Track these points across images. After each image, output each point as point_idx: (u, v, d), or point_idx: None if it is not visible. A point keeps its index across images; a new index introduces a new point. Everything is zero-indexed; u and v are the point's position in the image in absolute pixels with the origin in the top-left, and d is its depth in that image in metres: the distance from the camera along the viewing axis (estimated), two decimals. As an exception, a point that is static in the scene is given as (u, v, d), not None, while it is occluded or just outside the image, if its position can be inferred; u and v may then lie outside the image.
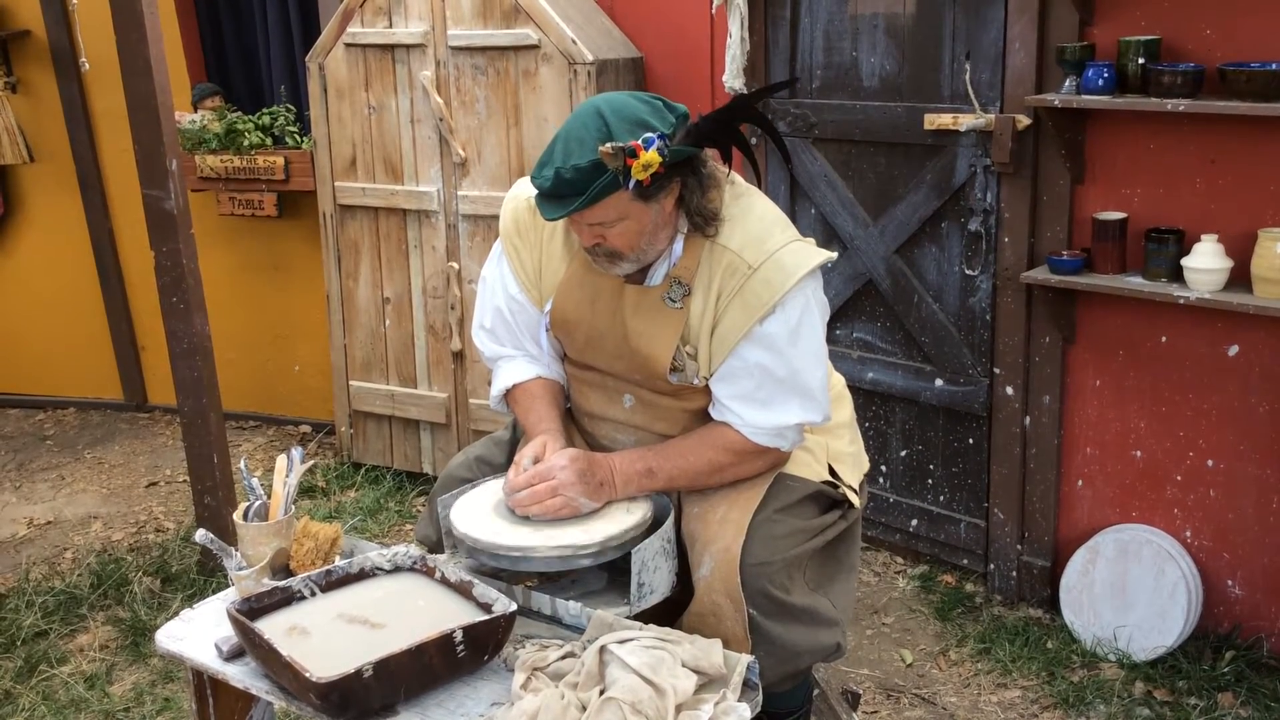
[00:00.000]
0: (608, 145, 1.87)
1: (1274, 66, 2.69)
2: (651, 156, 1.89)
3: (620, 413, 2.23)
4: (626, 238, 2.02)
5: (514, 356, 2.33)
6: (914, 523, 3.67)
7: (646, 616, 2.00)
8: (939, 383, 3.51)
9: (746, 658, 1.80)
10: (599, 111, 1.96)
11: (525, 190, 2.23)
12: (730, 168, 2.09)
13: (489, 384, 2.37)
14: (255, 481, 2.17)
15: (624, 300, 2.12)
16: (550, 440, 2.13)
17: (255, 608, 1.91)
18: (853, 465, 2.32)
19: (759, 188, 2.20)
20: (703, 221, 2.05)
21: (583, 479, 2.04)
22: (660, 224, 2.04)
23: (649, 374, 2.13)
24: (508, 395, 2.33)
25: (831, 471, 2.25)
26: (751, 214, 2.09)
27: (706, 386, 2.13)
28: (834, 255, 2.13)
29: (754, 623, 2.02)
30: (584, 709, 1.69)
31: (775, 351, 2.05)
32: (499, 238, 2.29)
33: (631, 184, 1.91)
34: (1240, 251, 2.83)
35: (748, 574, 2.01)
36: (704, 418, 2.17)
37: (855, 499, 2.27)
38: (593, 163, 1.90)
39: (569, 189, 1.93)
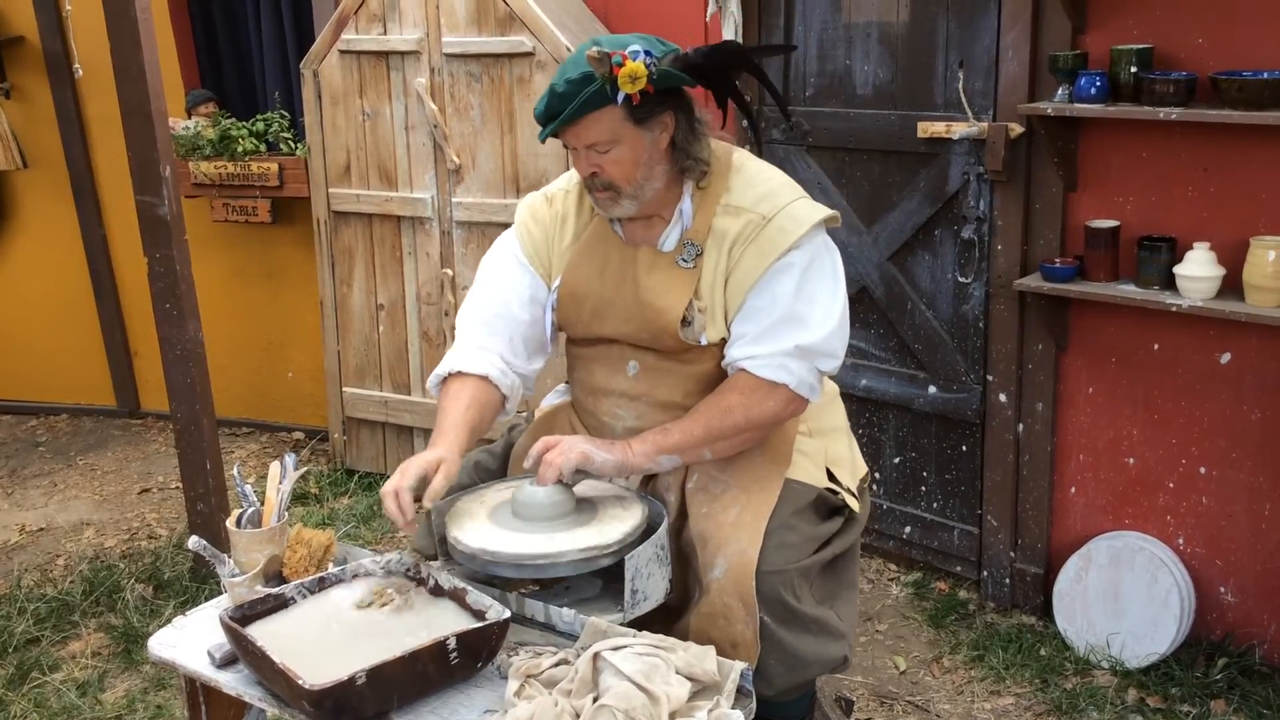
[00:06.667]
0: (594, 49, 2.00)
1: (1266, 75, 2.70)
2: (636, 67, 1.99)
3: (624, 382, 2.25)
4: (622, 167, 2.10)
5: (473, 345, 2.26)
6: (907, 530, 3.67)
7: (643, 623, 2.00)
8: (932, 390, 3.51)
9: (740, 664, 1.80)
10: (594, 39, 2.09)
11: (537, 192, 2.38)
12: (726, 116, 2.19)
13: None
14: (248, 488, 2.17)
15: (637, 263, 2.19)
16: (445, 464, 2.03)
17: (248, 614, 1.90)
18: (850, 469, 2.33)
19: (757, 150, 2.30)
20: (693, 165, 2.15)
21: (590, 441, 2.09)
22: (655, 159, 2.13)
23: (659, 329, 2.16)
24: (444, 381, 2.24)
25: (831, 476, 2.25)
26: (761, 175, 2.20)
27: (710, 349, 2.17)
28: (838, 214, 2.21)
29: (766, 629, 2.02)
30: (578, 716, 1.68)
31: (783, 292, 2.11)
32: (505, 232, 2.38)
33: (620, 98, 2.01)
34: (1232, 259, 2.84)
35: (764, 580, 2.02)
36: (708, 382, 2.20)
37: (854, 503, 2.27)
38: (583, 74, 2.02)
39: (561, 103, 2.04)
